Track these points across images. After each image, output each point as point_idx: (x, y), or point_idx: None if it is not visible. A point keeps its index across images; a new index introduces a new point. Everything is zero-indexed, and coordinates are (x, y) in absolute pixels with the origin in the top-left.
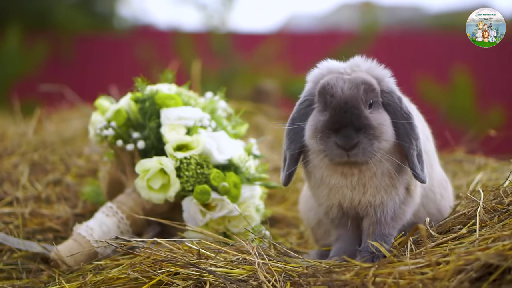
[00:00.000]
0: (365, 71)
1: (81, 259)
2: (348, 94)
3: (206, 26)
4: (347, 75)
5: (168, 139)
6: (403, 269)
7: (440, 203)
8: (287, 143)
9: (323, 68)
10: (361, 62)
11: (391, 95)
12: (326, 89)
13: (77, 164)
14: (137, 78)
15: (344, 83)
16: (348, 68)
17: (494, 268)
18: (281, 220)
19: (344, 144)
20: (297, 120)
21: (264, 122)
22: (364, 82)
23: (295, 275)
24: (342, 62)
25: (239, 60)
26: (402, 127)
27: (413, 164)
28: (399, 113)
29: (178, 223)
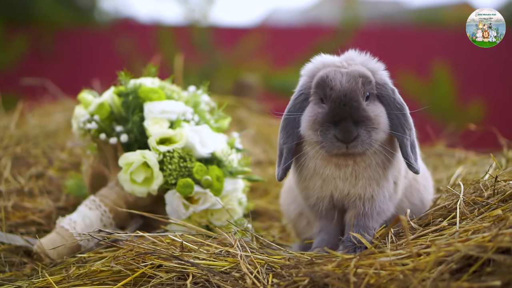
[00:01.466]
0: (360, 64)
1: (64, 252)
2: (347, 87)
3: (187, 20)
4: (344, 69)
5: (151, 133)
6: (384, 260)
7: (423, 194)
8: (284, 137)
9: (318, 62)
10: (355, 56)
11: (385, 87)
12: (325, 82)
13: (60, 158)
14: (120, 71)
15: (342, 76)
16: (344, 62)
17: (474, 260)
18: (264, 213)
19: (344, 138)
20: (293, 113)
21: (247, 116)
22: (362, 75)
23: (278, 266)
24: (336, 56)
25: (221, 54)
26: (396, 118)
27: (407, 154)
28: (392, 104)
29: (161, 216)
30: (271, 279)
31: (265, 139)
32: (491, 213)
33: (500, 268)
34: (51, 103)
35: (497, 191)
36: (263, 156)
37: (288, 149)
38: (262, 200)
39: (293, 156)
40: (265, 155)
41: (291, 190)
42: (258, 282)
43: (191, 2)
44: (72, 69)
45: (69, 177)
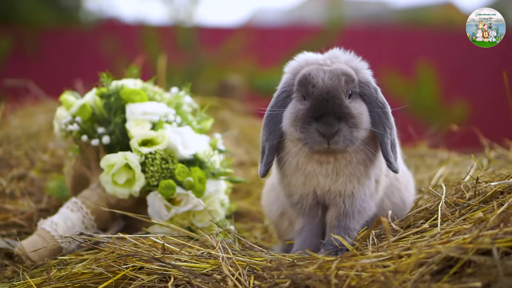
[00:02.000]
0: (343, 63)
1: (46, 255)
2: (329, 84)
3: (172, 20)
4: (327, 66)
5: (133, 134)
6: (365, 262)
7: (404, 194)
8: (266, 134)
9: (301, 60)
10: (339, 54)
11: (368, 85)
12: (307, 79)
13: (42, 159)
14: (102, 73)
15: (325, 74)
16: (328, 60)
17: (455, 261)
18: (246, 214)
19: (325, 131)
20: (276, 110)
21: (230, 117)
22: (345, 73)
23: (259, 268)
24: (320, 55)
25: (206, 55)
26: (378, 116)
27: (387, 152)
28: (374, 102)
29: (144, 216)
30: (253, 281)
31: (248, 140)
32: (472, 215)
33: (480, 269)
34: (33, 104)
35: (478, 192)
36: (246, 157)
37: (270, 146)
38: (245, 201)
39: (275, 153)
40: (248, 156)
41: (273, 189)
42: (240, 284)
43: (176, 2)
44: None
45: (51, 179)
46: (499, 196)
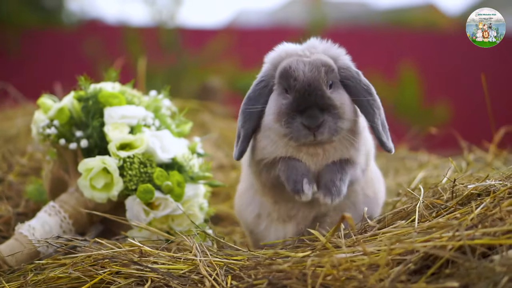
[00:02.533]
0: (322, 52)
1: (23, 259)
2: (310, 76)
3: (155, 21)
4: (306, 58)
5: (111, 138)
6: (340, 257)
7: (376, 185)
8: (242, 121)
9: (281, 51)
10: (317, 43)
11: (349, 69)
12: (288, 73)
13: (20, 163)
14: (80, 76)
15: (305, 66)
16: (306, 50)
17: (432, 261)
18: (226, 218)
19: (310, 123)
20: (253, 100)
21: (210, 120)
22: (324, 63)
23: (237, 268)
24: (298, 45)
25: (188, 56)
26: (364, 98)
27: (379, 133)
28: (359, 86)
29: (122, 218)
30: (230, 281)
31: (228, 143)
32: (449, 216)
33: (458, 270)
34: (12, 107)
35: (456, 194)
36: (226, 160)
37: (245, 133)
38: (224, 205)
39: (249, 141)
40: (228, 159)
41: (247, 190)
42: (217, 285)
43: (158, 3)
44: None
45: (29, 183)
46: (477, 198)
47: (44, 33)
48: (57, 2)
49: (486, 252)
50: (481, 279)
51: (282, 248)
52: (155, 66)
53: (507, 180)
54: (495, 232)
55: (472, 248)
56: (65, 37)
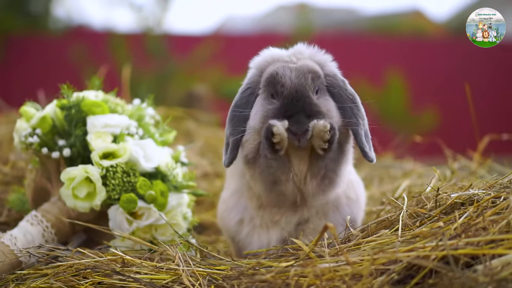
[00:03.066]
0: (308, 58)
1: (4, 269)
2: (297, 83)
3: (141, 27)
4: (292, 64)
5: (94, 147)
6: (324, 267)
7: (357, 188)
8: (230, 129)
9: (267, 56)
10: (303, 49)
11: (335, 78)
12: (275, 79)
13: (3, 171)
14: (63, 85)
15: (291, 72)
16: (293, 56)
17: (416, 271)
18: (210, 227)
19: (296, 129)
20: (240, 107)
21: (195, 128)
22: (311, 70)
23: (220, 278)
24: (284, 50)
25: (175, 62)
26: (349, 108)
27: (362, 143)
28: (344, 95)
29: (105, 228)
30: None
31: (213, 151)
32: (432, 225)
33: (442, 280)
34: None
35: (439, 203)
36: (210, 169)
37: (234, 142)
38: (208, 214)
39: (238, 148)
40: (212, 167)
41: (231, 196)
42: None
43: (145, 10)
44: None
45: (11, 191)
46: (460, 207)
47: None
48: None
49: (469, 262)
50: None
51: (265, 258)
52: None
53: (490, 189)
54: (479, 242)
55: (456, 258)
56: (50, 43)
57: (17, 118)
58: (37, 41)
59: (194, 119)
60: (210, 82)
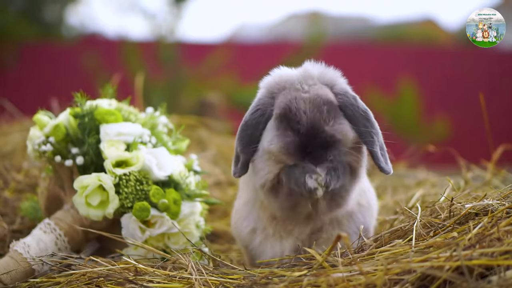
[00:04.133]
0: (317, 79)
1: (18, 277)
2: (312, 118)
3: (154, 35)
4: (305, 93)
5: (107, 155)
6: (337, 276)
7: (368, 195)
8: (241, 146)
9: (276, 77)
10: (312, 69)
11: (346, 95)
12: (290, 115)
13: (16, 179)
14: (77, 93)
15: (305, 105)
16: (303, 82)
17: (430, 281)
18: (222, 235)
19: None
20: (251, 127)
21: (207, 136)
22: (325, 101)
23: (232, 287)
24: (293, 70)
25: (187, 70)
26: (362, 125)
27: (378, 158)
28: (357, 112)
29: (118, 236)
30: None
31: (225, 159)
32: (447, 235)
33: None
34: (8, 123)
35: (453, 213)
36: (223, 177)
37: (246, 159)
38: (221, 222)
39: (248, 166)
40: (225, 176)
41: (245, 205)
42: None
43: (158, 18)
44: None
45: (24, 199)
46: (474, 217)
47: (43, 47)
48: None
49: (484, 273)
50: None
51: (278, 267)
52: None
53: (505, 199)
54: (493, 252)
55: (470, 268)
56: (64, 51)
57: (30, 126)
58: (51, 49)
59: (206, 127)
60: (223, 90)
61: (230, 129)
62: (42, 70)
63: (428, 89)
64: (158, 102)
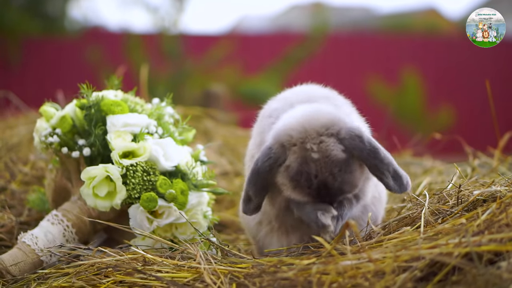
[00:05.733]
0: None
1: (26, 269)
2: (323, 180)
3: (157, 28)
4: (314, 154)
5: (114, 146)
6: (346, 264)
7: (380, 187)
8: (253, 190)
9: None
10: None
11: (352, 138)
12: (301, 182)
13: (23, 171)
14: (82, 84)
15: (316, 167)
16: (312, 143)
17: (438, 268)
18: (230, 225)
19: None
20: (264, 173)
21: (213, 126)
22: (336, 163)
23: (241, 276)
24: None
25: (191, 62)
26: (371, 164)
27: (390, 187)
28: (364, 154)
29: (126, 227)
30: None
31: (231, 150)
32: (455, 222)
33: (465, 277)
34: (14, 116)
35: (461, 200)
36: (230, 167)
37: (259, 202)
38: (228, 212)
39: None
40: (231, 166)
41: None
42: None
43: (160, 10)
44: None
45: (31, 191)
46: (482, 204)
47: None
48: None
49: (493, 259)
50: (488, 286)
51: (287, 255)
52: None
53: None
54: (502, 238)
55: (479, 254)
56: (67, 44)
57: (36, 118)
58: (54, 42)
59: (212, 118)
60: (226, 81)
61: (236, 120)
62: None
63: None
64: (162, 94)
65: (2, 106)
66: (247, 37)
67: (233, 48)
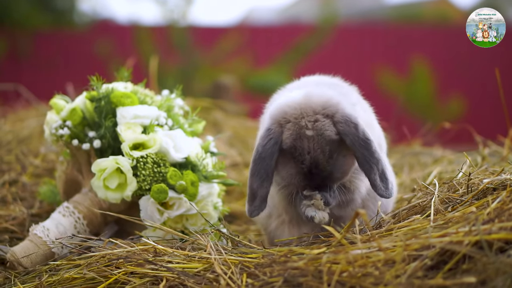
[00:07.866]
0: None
1: (38, 260)
2: (315, 158)
3: (166, 20)
4: (308, 131)
5: (124, 138)
6: (356, 253)
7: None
8: (258, 182)
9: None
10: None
11: (347, 124)
12: (294, 155)
13: (34, 164)
14: (92, 76)
15: (308, 144)
16: (307, 120)
17: (449, 256)
18: (240, 216)
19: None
20: (267, 158)
21: (223, 118)
22: (328, 142)
23: (252, 266)
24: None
25: (200, 55)
26: (362, 154)
27: (375, 186)
28: (356, 142)
29: (137, 218)
30: (245, 279)
31: (241, 141)
32: (465, 210)
33: (475, 265)
34: (24, 108)
35: (471, 189)
36: (239, 159)
37: (264, 194)
38: (238, 203)
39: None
40: (241, 157)
41: None
42: (233, 283)
43: (169, 2)
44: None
45: (42, 184)
46: (492, 192)
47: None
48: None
49: (503, 247)
50: (498, 274)
51: (297, 245)
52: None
53: None
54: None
55: (489, 242)
56: (77, 37)
57: (46, 111)
58: (63, 36)
59: (221, 110)
60: (236, 73)
61: (245, 111)
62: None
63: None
64: (172, 86)
65: (13, 99)
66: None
67: (242, 40)
